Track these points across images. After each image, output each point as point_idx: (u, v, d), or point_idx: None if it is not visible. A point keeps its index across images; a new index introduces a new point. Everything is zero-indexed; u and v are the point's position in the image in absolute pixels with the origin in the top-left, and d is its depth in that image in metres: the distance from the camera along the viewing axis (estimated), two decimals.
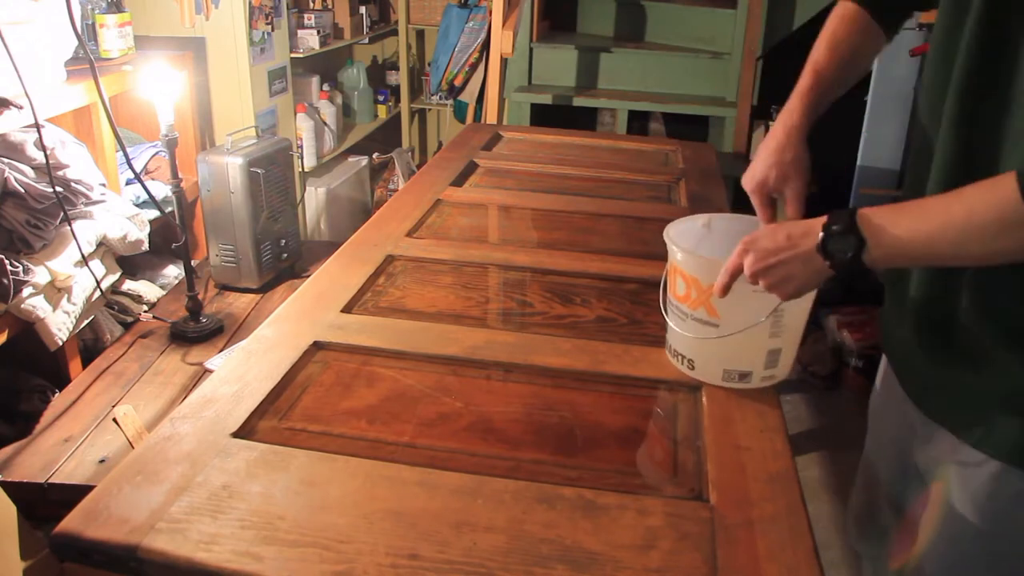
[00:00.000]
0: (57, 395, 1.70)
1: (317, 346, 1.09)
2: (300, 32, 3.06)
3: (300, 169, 3.08)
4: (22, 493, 1.30)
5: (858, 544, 1.18)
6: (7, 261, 1.56)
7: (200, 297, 1.92)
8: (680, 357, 1.03)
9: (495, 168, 1.99)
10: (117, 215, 1.86)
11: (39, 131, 1.57)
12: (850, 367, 2.59)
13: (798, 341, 1.02)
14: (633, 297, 1.29)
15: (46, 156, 1.61)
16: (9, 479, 1.36)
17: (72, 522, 0.75)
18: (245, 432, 0.90)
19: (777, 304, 0.91)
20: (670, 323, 1.04)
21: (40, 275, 1.62)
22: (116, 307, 2.05)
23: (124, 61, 2.08)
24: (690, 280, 0.98)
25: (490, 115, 3.00)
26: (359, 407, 0.98)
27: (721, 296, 0.91)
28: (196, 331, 1.85)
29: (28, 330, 1.64)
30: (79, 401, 1.61)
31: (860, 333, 2.58)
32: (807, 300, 0.96)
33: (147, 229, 1.96)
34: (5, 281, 1.55)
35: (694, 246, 1.05)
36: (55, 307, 1.66)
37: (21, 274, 1.59)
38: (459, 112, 3.71)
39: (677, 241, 0.99)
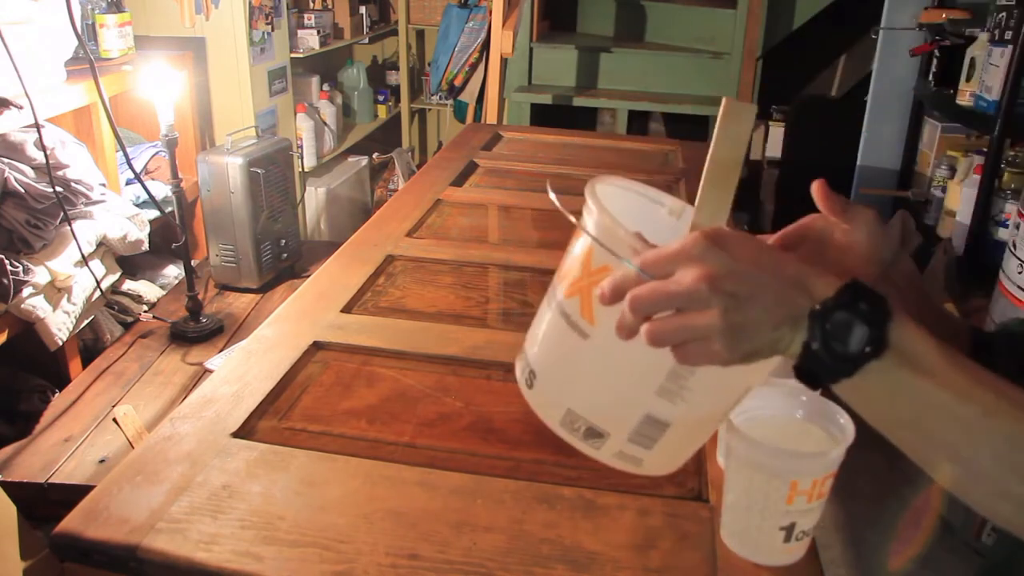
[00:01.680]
0: (57, 395, 1.70)
1: (317, 346, 1.09)
2: (300, 32, 3.06)
3: (300, 169, 3.08)
4: (22, 493, 1.30)
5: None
6: (7, 261, 1.56)
7: (200, 297, 1.92)
8: (524, 362, 0.64)
9: (495, 168, 1.99)
10: (117, 215, 1.86)
11: (39, 131, 1.57)
12: None
13: (703, 435, 0.62)
14: None
15: (46, 156, 1.61)
16: (9, 479, 1.36)
17: (72, 522, 0.75)
18: (245, 432, 0.90)
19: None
20: (540, 308, 0.64)
21: (40, 275, 1.62)
22: (116, 307, 2.05)
23: (124, 61, 2.08)
24: (584, 253, 0.57)
25: (490, 115, 3.00)
26: (359, 407, 0.98)
27: (610, 300, 0.52)
28: (196, 331, 1.85)
29: (28, 330, 1.64)
30: (79, 401, 1.61)
31: None
32: (737, 377, 0.56)
33: (147, 229, 1.96)
34: (5, 281, 1.55)
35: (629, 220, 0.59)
36: (55, 307, 1.66)
37: (21, 274, 1.59)
38: (459, 112, 3.71)
39: (601, 196, 0.58)
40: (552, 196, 0.59)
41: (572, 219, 0.57)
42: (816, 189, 0.62)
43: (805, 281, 0.50)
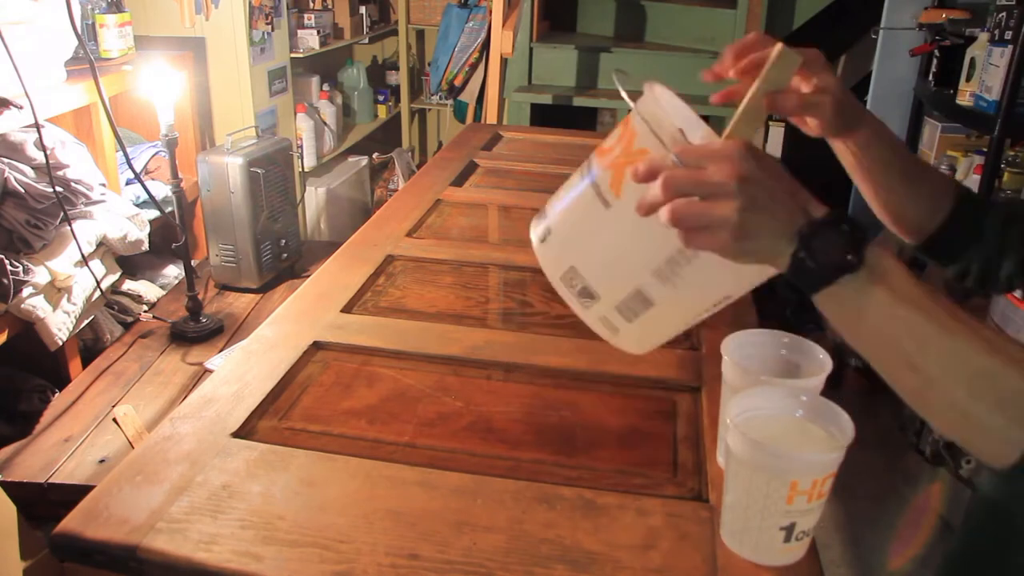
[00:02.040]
0: (57, 395, 1.70)
1: (317, 346, 1.09)
2: (300, 32, 3.06)
3: (300, 169, 3.08)
4: (22, 493, 1.30)
5: None
6: (7, 261, 1.56)
7: (200, 297, 1.92)
8: (542, 220, 0.72)
9: (495, 168, 1.99)
10: (117, 215, 1.87)
11: (39, 131, 1.57)
12: (850, 367, 2.59)
13: (676, 324, 0.71)
14: None
15: (46, 156, 1.61)
16: (9, 479, 1.36)
17: (72, 522, 0.75)
18: (245, 432, 0.90)
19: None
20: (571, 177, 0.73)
21: (40, 275, 1.62)
22: (116, 307, 2.05)
23: (124, 61, 2.08)
24: (628, 133, 0.66)
25: (490, 115, 3.00)
26: (359, 407, 0.98)
27: (642, 178, 0.59)
28: (196, 331, 1.85)
29: (28, 330, 1.64)
30: (79, 401, 1.61)
31: None
32: (725, 277, 0.65)
33: (147, 229, 1.96)
34: (5, 281, 1.55)
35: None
36: (55, 307, 1.66)
37: (21, 274, 1.59)
38: (459, 112, 3.71)
39: (658, 94, 0.68)
40: (617, 83, 0.67)
41: (630, 103, 0.63)
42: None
43: (807, 207, 0.59)
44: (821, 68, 0.73)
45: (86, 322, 1.79)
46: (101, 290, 1.79)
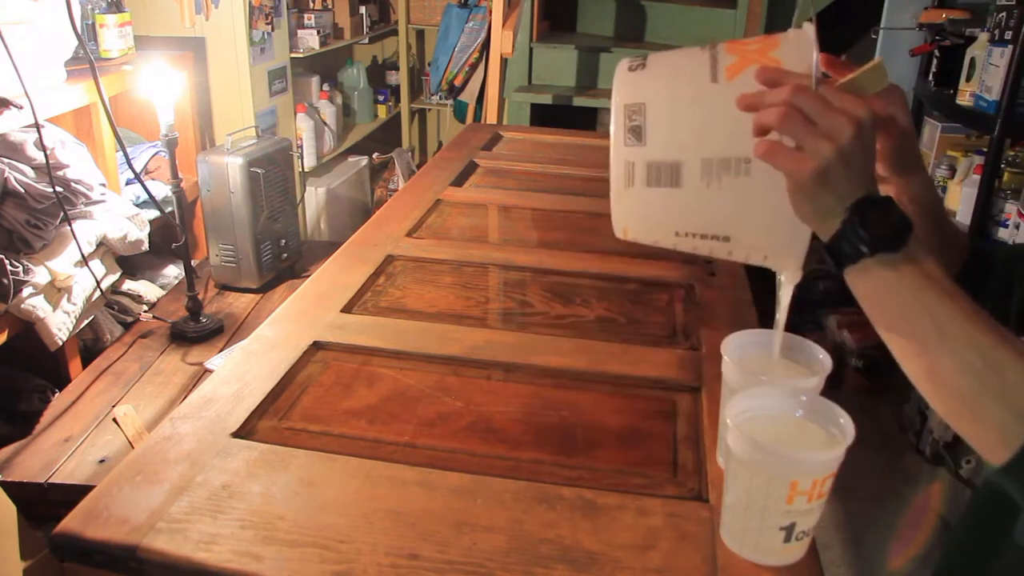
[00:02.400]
0: (57, 395, 1.70)
1: (317, 346, 1.09)
2: (300, 32, 3.06)
3: (300, 169, 3.08)
4: (22, 493, 1.30)
5: None
6: (7, 261, 1.56)
7: (200, 297, 1.92)
8: (641, 59, 0.71)
9: (495, 168, 1.99)
10: (117, 215, 1.87)
11: (39, 131, 1.57)
12: (850, 367, 2.59)
13: (678, 223, 0.70)
14: (633, 297, 1.29)
15: (46, 156, 1.61)
16: (9, 479, 1.36)
17: (72, 522, 0.75)
18: (245, 432, 0.90)
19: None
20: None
21: (40, 275, 1.62)
22: (116, 307, 2.05)
23: (124, 61, 2.08)
24: (771, 41, 0.66)
25: (490, 115, 3.00)
26: (359, 407, 0.98)
27: (765, 78, 0.61)
28: (196, 331, 1.85)
29: (28, 330, 1.64)
30: (79, 401, 1.61)
31: (860, 333, 2.58)
32: (754, 212, 0.66)
33: (147, 229, 1.96)
34: (5, 281, 1.55)
35: None
36: (55, 307, 1.66)
37: (21, 274, 1.59)
38: (459, 112, 3.71)
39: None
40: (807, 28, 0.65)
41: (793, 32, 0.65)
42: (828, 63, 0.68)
43: (872, 186, 0.62)
44: (899, 103, 0.73)
45: (86, 322, 1.79)
46: (101, 290, 1.79)
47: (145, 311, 2.00)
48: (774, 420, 0.73)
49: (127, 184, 2.09)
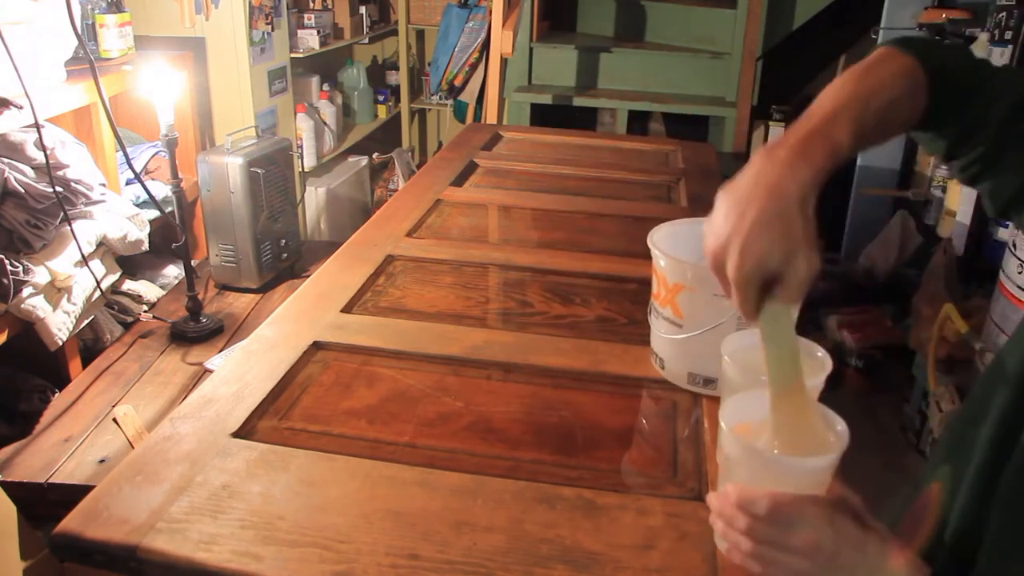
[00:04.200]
0: (57, 395, 1.70)
1: (317, 346, 1.09)
2: (300, 32, 3.06)
3: (300, 169, 3.08)
4: (22, 493, 1.30)
5: None
6: (7, 261, 1.56)
7: (200, 297, 1.92)
8: (655, 356, 1.05)
9: (495, 168, 1.99)
10: (117, 215, 1.86)
11: (39, 131, 1.57)
12: (850, 367, 2.59)
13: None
14: (633, 297, 1.29)
15: (46, 156, 1.61)
16: (9, 479, 1.36)
17: (72, 522, 0.75)
18: (245, 432, 0.90)
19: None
20: (650, 320, 1.06)
21: (40, 275, 1.62)
22: (116, 307, 2.05)
23: (124, 61, 2.08)
24: (660, 278, 1.00)
25: (490, 115, 3.00)
26: (359, 407, 0.98)
27: (729, 517, 0.67)
28: (196, 331, 1.85)
29: (28, 330, 1.64)
30: (79, 401, 1.61)
31: (860, 333, 2.58)
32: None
33: (147, 229, 1.96)
34: (5, 281, 1.55)
35: (673, 246, 1.00)
36: (55, 307, 1.66)
37: (21, 274, 1.59)
38: (459, 112, 3.71)
39: (658, 241, 1.01)
40: None
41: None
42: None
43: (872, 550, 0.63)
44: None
45: (86, 322, 1.79)
46: (101, 290, 1.79)
47: (145, 311, 2.00)
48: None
49: (127, 184, 2.09)
